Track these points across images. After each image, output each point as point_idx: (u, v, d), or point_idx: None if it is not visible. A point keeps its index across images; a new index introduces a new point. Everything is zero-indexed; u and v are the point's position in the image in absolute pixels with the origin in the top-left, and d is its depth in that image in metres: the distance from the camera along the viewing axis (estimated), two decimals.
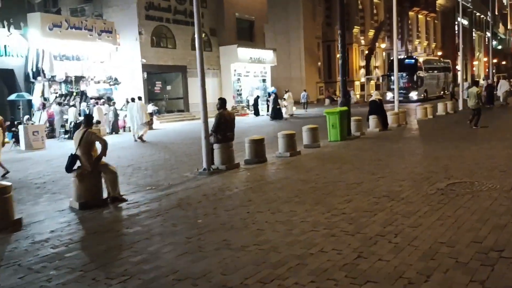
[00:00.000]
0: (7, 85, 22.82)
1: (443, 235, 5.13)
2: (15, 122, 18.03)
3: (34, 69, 22.54)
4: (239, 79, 35.59)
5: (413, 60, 39.95)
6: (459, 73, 34.69)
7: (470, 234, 5.11)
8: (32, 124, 18.06)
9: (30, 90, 22.59)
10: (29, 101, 22.35)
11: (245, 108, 34.13)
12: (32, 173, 11.93)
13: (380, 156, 11.23)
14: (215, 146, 10.41)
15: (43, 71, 22.45)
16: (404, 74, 36.74)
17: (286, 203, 6.97)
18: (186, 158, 13.15)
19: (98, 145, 7.76)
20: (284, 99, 29.96)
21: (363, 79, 51.81)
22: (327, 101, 43.20)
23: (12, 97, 19.10)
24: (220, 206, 7.04)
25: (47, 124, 21.68)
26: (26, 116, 18.88)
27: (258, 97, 33.07)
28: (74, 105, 21.78)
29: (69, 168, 7.47)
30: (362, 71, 53.35)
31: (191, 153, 13.70)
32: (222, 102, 10.66)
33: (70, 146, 18.05)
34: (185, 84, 32.14)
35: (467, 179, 8.00)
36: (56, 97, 24.65)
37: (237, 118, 31.95)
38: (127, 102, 26.99)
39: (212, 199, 7.62)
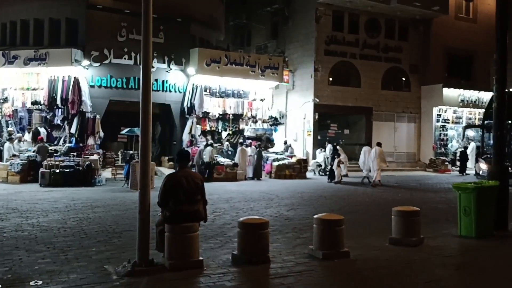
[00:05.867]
0: (164, 119, 22.89)
1: None
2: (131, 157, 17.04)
3: (189, 105, 21.91)
4: (444, 126, 28.83)
5: None
6: None
7: None
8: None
9: (185, 126, 22.04)
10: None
11: (447, 163, 27.16)
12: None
13: None
14: (166, 227, 6.51)
15: (194, 107, 21.64)
16: None
17: None
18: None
19: None
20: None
21: None
22: None
23: (124, 131, 18.52)
24: None
25: (191, 163, 20.61)
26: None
27: (465, 149, 26.02)
28: (210, 145, 20.07)
29: None
30: None
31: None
32: (179, 157, 6.75)
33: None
34: (369, 128, 27.48)
35: None
36: (227, 135, 23.72)
37: (434, 175, 25.22)
38: (285, 144, 24.32)
39: None
